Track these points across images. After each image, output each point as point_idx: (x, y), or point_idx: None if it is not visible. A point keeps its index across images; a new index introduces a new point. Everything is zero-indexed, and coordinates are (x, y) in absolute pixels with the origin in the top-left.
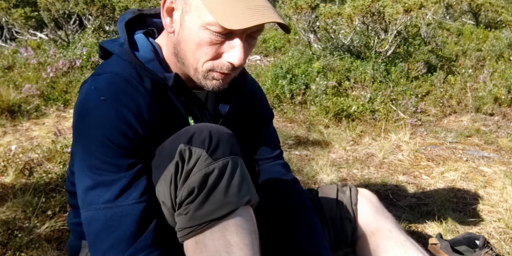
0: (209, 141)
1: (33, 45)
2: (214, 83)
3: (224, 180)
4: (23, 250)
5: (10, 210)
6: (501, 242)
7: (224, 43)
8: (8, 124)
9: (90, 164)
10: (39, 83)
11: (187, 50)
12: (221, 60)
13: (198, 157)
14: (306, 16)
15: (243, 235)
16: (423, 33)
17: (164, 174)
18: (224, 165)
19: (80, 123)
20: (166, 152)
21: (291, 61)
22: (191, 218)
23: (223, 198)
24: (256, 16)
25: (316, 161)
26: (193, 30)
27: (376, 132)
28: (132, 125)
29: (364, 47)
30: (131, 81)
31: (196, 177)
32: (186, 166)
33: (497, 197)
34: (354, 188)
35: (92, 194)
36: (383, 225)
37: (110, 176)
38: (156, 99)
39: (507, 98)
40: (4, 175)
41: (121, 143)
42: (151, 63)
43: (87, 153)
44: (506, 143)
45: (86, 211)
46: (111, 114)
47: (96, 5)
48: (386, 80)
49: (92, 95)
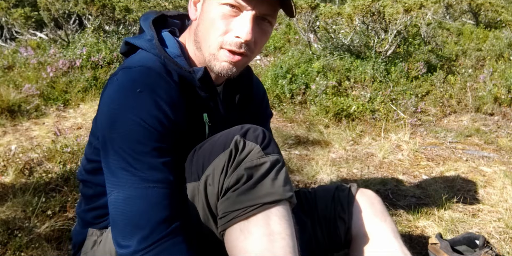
0: (262, 137)
1: (33, 45)
2: (223, 65)
3: (273, 173)
4: (23, 250)
5: (10, 209)
6: (501, 241)
7: (234, 19)
8: (8, 124)
9: (128, 145)
10: (39, 83)
11: (204, 30)
12: (230, 36)
13: (251, 149)
14: (306, 16)
15: (286, 225)
16: (423, 33)
17: (215, 161)
18: (275, 160)
19: (115, 111)
20: (219, 142)
21: (291, 61)
22: (236, 202)
23: (270, 188)
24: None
25: (316, 160)
26: (210, 9)
27: (376, 132)
28: (167, 113)
29: (364, 47)
30: (162, 75)
31: (246, 166)
32: (239, 156)
33: (497, 197)
34: (355, 187)
35: (136, 173)
36: (377, 229)
37: (147, 158)
38: (183, 92)
39: (507, 98)
40: (4, 174)
41: (157, 127)
42: (179, 58)
43: (126, 136)
44: (506, 143)
45: (127, 189)
46: (149, 103)
47: (96, 5)
48: (386, 80)
49: (128, 86)
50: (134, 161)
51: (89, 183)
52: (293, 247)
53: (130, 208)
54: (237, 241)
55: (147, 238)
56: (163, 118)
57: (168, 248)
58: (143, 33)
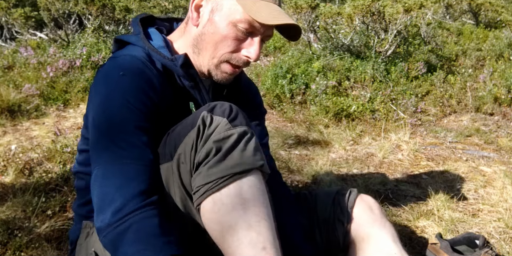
0: (229, 111)
1: (33, 44)
2: (223, 76)
3: (242, 144)
4: (23, 250)
5: (10, 209)
6: (501, 241)
7: (245, 40)
8: (8, 124)
9: (112, 125)
10: (39, 83)
11: (211, 41)
12: (239, 54)
13: (219, 123)
14: (306, 16)
15: (258, 193)
16: (423, 33)
17: (185, 139)
18: (242, 131)
19: (102, 95)
20: (188, 122)
21: (291, 60)
22: (207, 175)
23: (239, 158)
24: (282, 17)
25: (316, 160)
26: (221, 25)
27: (376, 132)
28: (150, 95)
29: (364, 47)
30: (145, 62)
31: (214, 139)
32: (207, 130)
33: (497, 196)
34: (355, 192)
35: (116, 151)
36: (376, 233)
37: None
38: (166, 81)
39: (507, 98)
40: (4, 174)
41: (140, 108)
42: (163, 49)
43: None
44: (506, 143)
45: (106, 165)
46: (131, 85)
47: (96, 4)
48: (386, 80)
49: (112, 71)
50: (115, 139)
51: (81, 174)
52: (267, 214)
53: (106, 182)
54: (210, 213)
55: (120, 210)
56: (145, 99)
57: (141, 220)
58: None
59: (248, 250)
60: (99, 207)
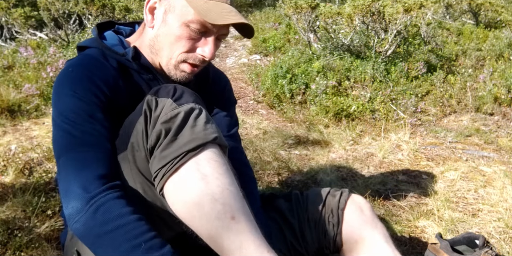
0: (173, 91)
1: (33, 44)
2: (182, 74)
3: (190, 120)
4: (23, 250)
5: (10, 209)
6: (501, 241)
7: (199, 39)
8: (8, 124)
9: (64, 116)
10: (39, 83)
11: (166, 42)
12: (195, 53)
13: (164, 104)
14: (306, 16)
15: (215, 165)
16: (423, 33)
17: (136, 126)
18: (189, 108)
19: (53, 93)
20: (137, 110)
21: (291, 60)
22: (162, 158)
23: (190, 135)
24: (233, 17)
25: (316, 160)
26: (174, 26)
27: (376, 132)
28: (101, 87)
29: (364, 47)
30: (98, 59)
31: (162, 120)
32: (154, 113)
33: (497, 196)
34: (346, 192)
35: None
36: (368, 235)
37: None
38: (122, 77)
39: (507, 98)
40: (4, 174)
41: (90, 98)
42: (116, 46)
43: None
44: (506, 143)
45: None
46: (80, 77)
47: (96, 4)
48: (386, 80)
49: (63, 70)
50: (70, 129)
51: None
52: (229, 183)
53: (67, 172)
54: (174, 195)
55: (83, 196)
56: (96, 90)
57: (107, 201)
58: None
59: (218, 222)
60: (64, 197)
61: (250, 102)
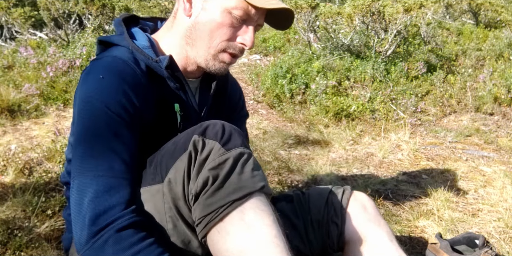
0: (222, 133)
1: (33, 44)
2: (221, 65)
3: (238, 168)
4: (23, 250)
5: (10, 209)
6: (500, 241)
7: (240, 28)
8: (8, 124)
9: (89, 132)
10: (39, 83)
11: (205, 30)
12: (235, 42)
13: (212, 148)
14: (306, 16)
15: (262, 215)
16: (423, 33)
17: (177, 163)
18: (237, 154)
19: (81, 100)
20: (180, 143)
21: (291, 60)
22: (207, 205)
23: (237, 183)
24: (277, 2)
25: (316, 160)
26: (216, 13)
27: (376, 132)
28: (131, 98)
29: (364, 47)
30: (128, 62)
31: (209, 167)
32: (200, 156)
33: (496, 196)
34: (348, 190)
35: (91, 161)
36: (372, 233)
37: (109, 145)
38: (151, 82)
39: (507, 98)
40: (4, 174)
41: (120, 113)
42: (147, 49)
43: (88, 123)
44: (505, 143)
45: (81, 178)
46: (111, 87)
47: (96, 4)
48: (386, 80)
49: (92, 74)
50: (91, 148)
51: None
52: (276, 234)
53: (79, 197)
54: (218, 244)
55: (92, 226)
56: (126, 103)
57: (116, 232)
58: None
59: None
60: (74, 224)
61: (250, 102)
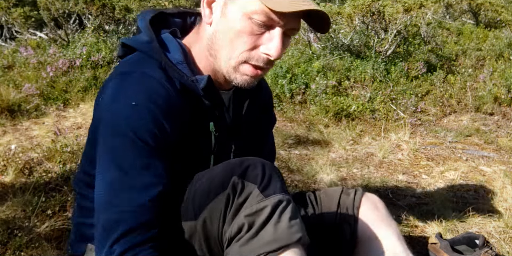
0: (261, 176)
1: (33, 44)
2: (244, 78)
3: (275, 216)
4: (23, 250)
5: (10, 209)
6: (500, 241)
7: (263, 34)
8: (8, 124)
9: (119, 164)
10: (39, 83)
11: (225, 39)
12: (258, 52)
13: (250, 192)
14: None
15: None
16: (423, 33)
17: (213, 203)
18: (276, 202)
19: (110, 125)
20: (217, 180)
21: (291, 60)
22: (240, 253)
23: (272, 233)
24: (304, 3)
25: (316, 160)
26: (235, 18)
27: (376, 132)
28: (164, 126)
29: (364, 47)
30: (161, 82)
31: (246, 213)
32: (237, 199)
33: (496, 196)
34: (360, 191)
35: (121, 196)
36: (382, 233)
37: (142, 178)
38: (185, 102)
39: (507, 98)
40: (4, 174)
41: (151, 143)
42: (181, 65)
43: (118, 153)
44: (506, 143)
45: (107, 214)
46: (143, 116)
47: (96, 4)
48: (386, 80)
49: (123, 96)
50: (120, 180)
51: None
52: None
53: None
54: None
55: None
56: (158, 132)
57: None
58: (141, 33)
59: None
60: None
61: None
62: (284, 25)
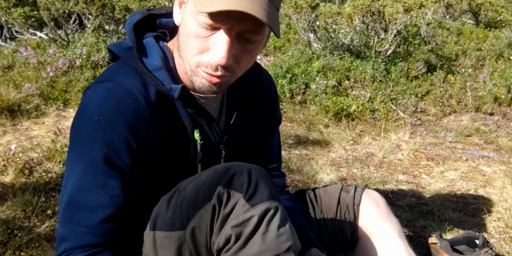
0: (247, 184)
1: (33, 44)
2: (203, 83)
3: (263, 226)
4: (23, 249)
5: (10, 209)
6: (500, 241)
7: (210, 37)
8: (8, 124)
9: (78, 182)
10: (39, 83)
11: (183, 41)
12: (207, 57)
13: (236, 202)
14: (306, 16)
15: None
16: (423, 33)
17: (200, 212)
18: (262, 211)
19: (74, 138)
20: (203, 191)
21: (291, 60)
22: None
23: (260, 244)
24: (231, 2)
25: (316, 160)
26: (187, 20)
27: (376, 132)
28: (127, 143)
29: (364, 47)
30: (133, 92)
31: (232, 224)
32: (223, 210)
33: (496, 196)
34: (360, 188)
35: (75, 213)
36: (383, 230)
37: (97, 198)
38: (160, 111)
39: (507, 98)
40: (4, 174)
41: (112, 162)
42: (159, 71)
43: (77, 170)
44: (505, 143)
45: (62, 227)
46: (104, 134)
47: (96, 4)
48: (386, 80)
49: (86, 113)
50: (76, 198)
51: None
52: None
53: (58, 244)
54: None
55: None
56: (119, 150)
57: None
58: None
59: None
60: None
61: None
62: (231, 28)
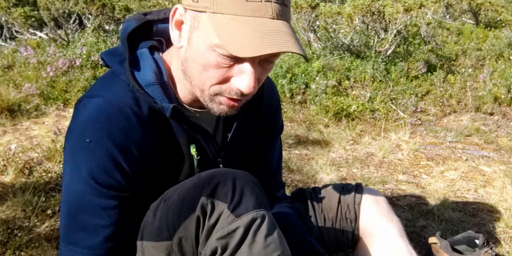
0: (232, 194)
1: (33, 44)
2: (221, 108)
3: (249, 237)
4: (22, 249)
5: (10, 209)
6: (501, 241)
7: (233, 66)
8: (8, 123)
9: (75, 201)
10: (39, 82)
11: (194, 70)
12: (230, 85)
13: (221, 212)
14: (306, 15)
15: None
16: (423, 33)
17: (185, 223)
18: (248, 222)
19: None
20: (187, 200)
21: (291, 60)
22: None
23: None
24: (269, 43)
25: (316, 160)
26: (200, 49)
27: (376, 132)
28: (119, 165)
29: (364, 47)
30: (124, 109)
31: (218, 236)
32: (208, 222)
33: (496, 196)
34: (361, 186)
35: (75, 234)
36: (384, 228)
37: (93, 220)
38: (153, 128)
39: (507, 98)
40: (4, 174)
41: (106, 184)
42: (151, 87)
43: (72, 187)
44: (505, 143)
45: (64, 247)
46: (97, 156)
47: (96, 4)
48: (386, 80)
49: (78, 132)
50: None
51: None
52: None
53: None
54: None
55: None
56: (112, 170)
57: None
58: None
59: None
60: None
61: None
62: (255, 58)
